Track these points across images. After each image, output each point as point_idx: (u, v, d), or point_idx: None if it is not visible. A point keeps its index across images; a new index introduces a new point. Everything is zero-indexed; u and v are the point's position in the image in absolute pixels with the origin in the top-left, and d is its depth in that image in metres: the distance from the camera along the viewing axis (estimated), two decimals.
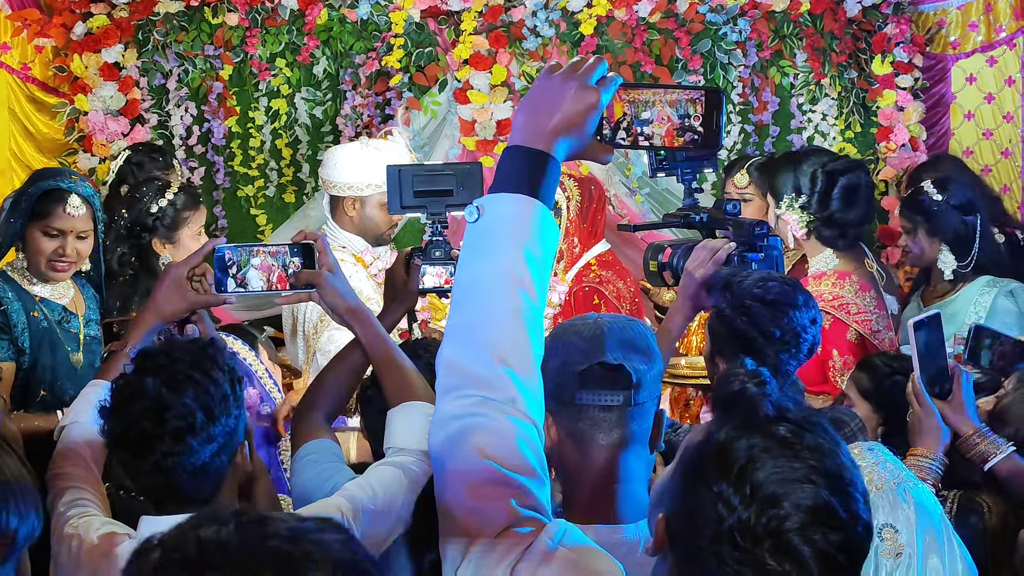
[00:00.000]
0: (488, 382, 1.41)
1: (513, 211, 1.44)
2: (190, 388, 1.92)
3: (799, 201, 3.47)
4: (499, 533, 1.37)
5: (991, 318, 3.48)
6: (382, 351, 2.25)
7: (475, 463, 1.39)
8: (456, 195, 2.45)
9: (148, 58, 5.07)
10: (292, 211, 5.20)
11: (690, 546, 1.29)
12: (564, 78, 1.50)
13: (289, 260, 2.26)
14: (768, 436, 1.27)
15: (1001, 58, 5.01)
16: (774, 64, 5.01)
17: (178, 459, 1.92)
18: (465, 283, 1.47)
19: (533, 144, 1.47)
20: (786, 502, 1.22)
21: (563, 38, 5.01)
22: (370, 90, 5.04)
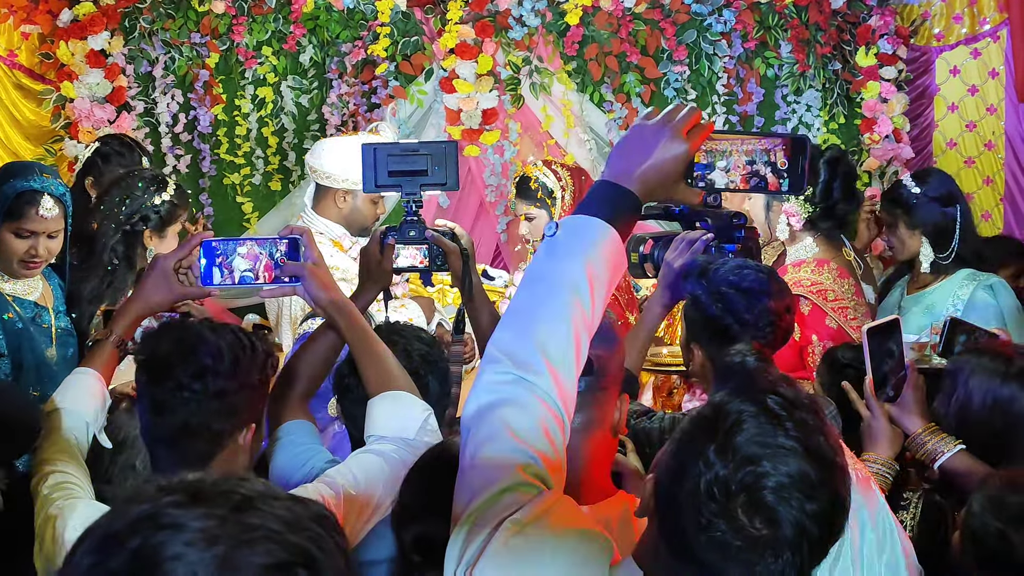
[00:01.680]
0: (527, 365, 1.49)
1: (586, 230, 1.55)
2: (231, 335, 2.01)
3: (805, 193, 3.46)
4: (502, 492, 1.43)
5: (969, 311, 3.48)
6: (364, 342, 2.26)
7: (496, 430, 1.47)
8: (431, 174, 2.45)
9: (134, 45, 5.08)
10: (278, 199, 5.21)
11: (671, 501, 1.33)
12: (657, 127, 1.60)
13: (275, 253, 2.27)
14: (758, 404, 1.32)
15: (985, 50, 5.03)
16: (759, 55, 5.03)
17: (190, 395, 1.96)
18: (528, 279, 1.57)
19: (620, 182, 1.58)
20: (765, 462, 1.27)
21: (549, 28, 5.03)
22: (356, 79, 5.05)
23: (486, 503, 1.43)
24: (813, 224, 3.51)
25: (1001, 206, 5.05)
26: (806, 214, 3.48)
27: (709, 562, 1.30)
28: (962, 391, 2.52)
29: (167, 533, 1.01)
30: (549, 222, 1.62)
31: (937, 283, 3.63)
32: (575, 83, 5.06)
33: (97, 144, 4.15)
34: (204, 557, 1.00)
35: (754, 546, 1.27)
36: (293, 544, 1.03)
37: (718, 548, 1.28)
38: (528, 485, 1.43)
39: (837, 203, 3.49)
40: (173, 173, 5.13)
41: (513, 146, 5.09)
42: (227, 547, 1.00)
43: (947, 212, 3.60)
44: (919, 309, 3.59)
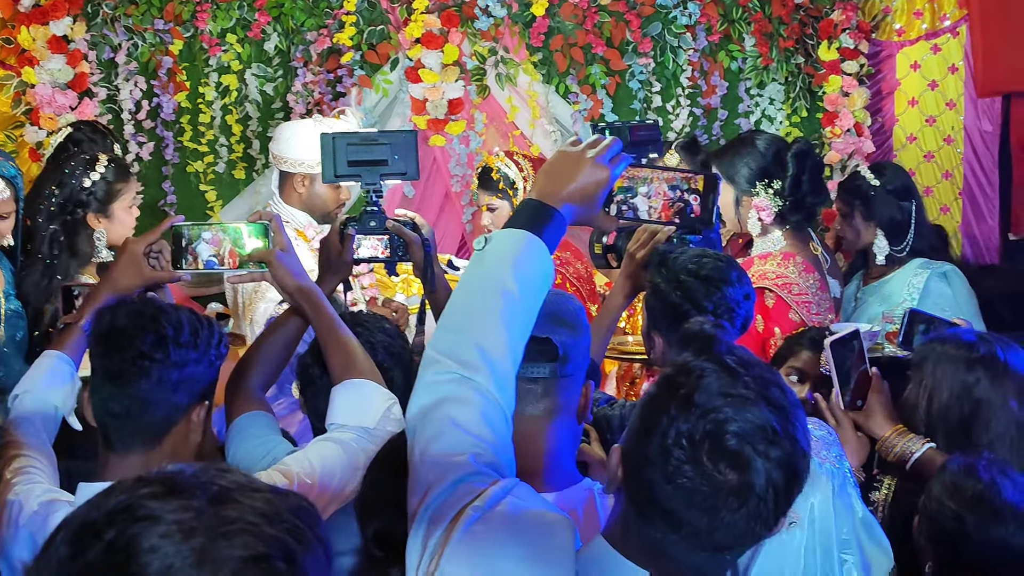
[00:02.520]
0: (466, 363, 1.54)
1: (514, 239, 1.63)
2: (189, 311, 2.02)
3: (775, 186, 3.48)
4: (455, 483, 1.45)
5: (924, 299, 3.53)
6: (330, 330, 2.26)
7: (442, 426, 1.51)
8: (391, 164, 2.46)
9: (97, 31, 5.03)
10: (242, 187, 5.18)
11: (639, 459, 1.37)
12: (581, 153, 1.73)
13: (240, 239, 2.27)
14: (718, 363, 1.38)
15: (945, 46, 5.09)
16: (723, 48, 5.07)
17: (149, 365, 1.96)
18: (461, 287, 1.65)
19: (546, 201, 1.68)
20: (727, 410, 1.33)
21: (515, 19, 5.03)
22: (321, 67, 5.03)
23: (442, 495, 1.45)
24: (783, 218, 3.53)
25: (960, 200, 5.11)
26: (776, 208, 3.50)
27: (676, 513, 1.34)
28: (929, 380, 2.56)
29: (143, 525, 1.01)
30: (479, 236, 1.66)
31: (892, 272, 3.67)
32: (541, 74, 5.07)
33: (69, 130, 4.10)
34: (181, 550, 1.00)
35: (719, 492, 1.31)
36: (271, 536, 1.03)
37: (685, 496, 1.32)
38: (481, 474, 1.46)
39: (806, 196, 3.52)
40: (136, 161, 5.09)
41: (479, 136, 5.09)
42: (204, 539, 1.00)
43: (903, 206, 3.64)
44: (875, 299, 3.64)
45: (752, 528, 1.34)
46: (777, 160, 3.50)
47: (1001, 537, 2.06)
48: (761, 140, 3.60)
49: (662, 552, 1.38)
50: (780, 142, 3.64)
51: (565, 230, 1.71)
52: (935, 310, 3.25)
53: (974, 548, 2.08)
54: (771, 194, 3.47)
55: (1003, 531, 2.07)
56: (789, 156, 3.49)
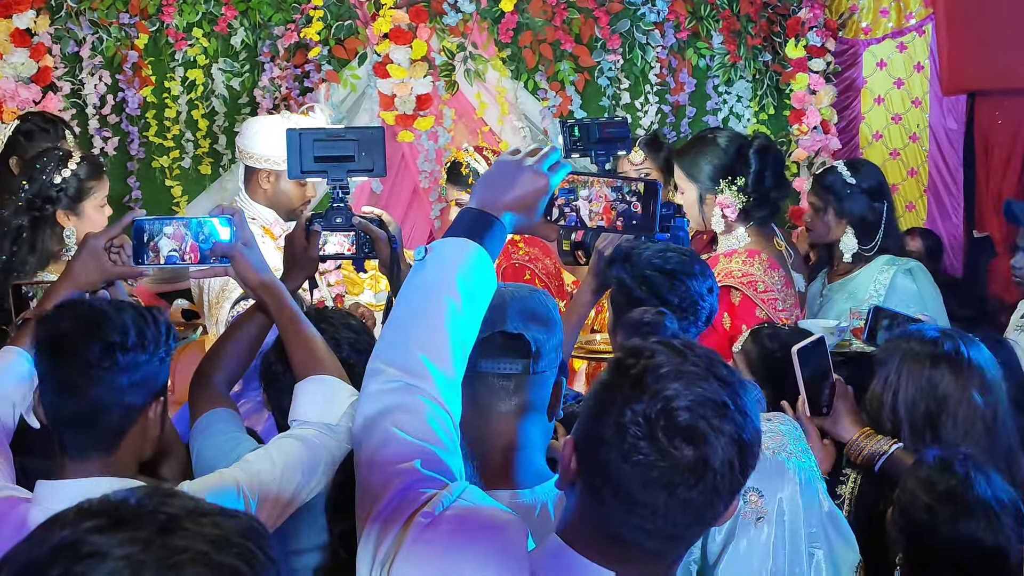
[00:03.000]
0: (410, 370, 1.54)
1: (456, 247, 1.63)
2: (131, 311, 1.96)
3: (738, 183, 3.49)
4: (404, 489, 1.44)
5: (890, 296, 3.54)
6: (293, 325, 2.23)
7: (388, 435, 1.50)
8: (358, 160, 2.43)
9: (61, 25, 4.98)
10: (208, 183, 5.15)
11: (594, 442, 1.37)
12: (520, 162, 1.72)
13: (201, 234, 2.24)
14: (665, 344, 1.39)
15: (911, 44, 5.13)
16: (691, 45, 5.09)
17: (99, 373, 1.92)
18: (402, 297, 1.64)
19: (486, 210, 1.68)
20: (677, 385, 1.33)
21: (484, 14, 5.03)
22: (288, 62, 5.00)
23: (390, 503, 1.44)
24: (747, 214, 3.54)
25: (925, 197, 5.16)
26: (740, 204, 3.51)
27: (633, 493, 1.33)
28: (894, 376, 2.57)
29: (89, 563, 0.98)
30: (419, 247, 1.66)
31: (858, 269, 3.69)
32: (509, 70, 5.07)
33: (17, 122, 4.04)
34: None
35: (676, 468, 1.31)
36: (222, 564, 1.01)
37: (642, 474, 1.32)
38: (429, 479, 1.45)
39: (769, 191, 3.52)
40: (101, 156, 5.04)
41: (447, 132, 5.08)
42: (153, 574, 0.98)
43: (876, 207, 3.65)
44: (841, 296, 3.65)
45: (710, 503, 1.34)
46: (739, 157, 3.51)
47: (971, 532, 2.08)
48: (722, 137, 3.61)
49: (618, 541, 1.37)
50: (741, 139, 3.65)
51: (506, 238, 1.70)
52: (900, 306, 3.27)
53: (944, 542, 2.09)
54: (735, 191, 3.48)
55: (973, 526, 2.08)
56: (751, 152, 3.50)
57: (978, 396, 2.49)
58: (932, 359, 2.52)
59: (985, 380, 2.52)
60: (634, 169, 4.34)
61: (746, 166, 3.50)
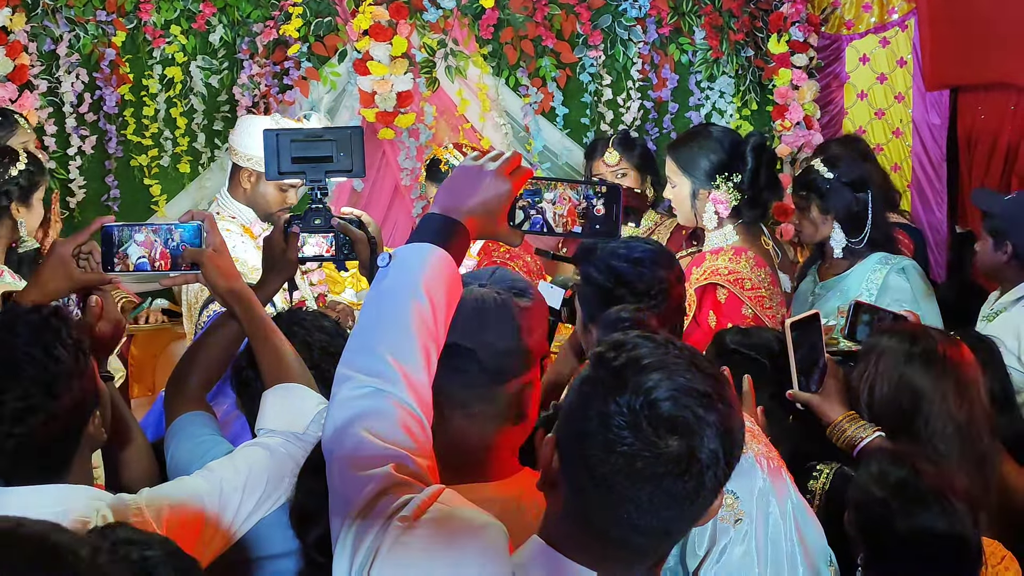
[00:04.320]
0: (379, 374, 1.53)
1: (421, 252, 1.62)
2: (29, 368, 1.86)
3: (734, 180, 3.47)
4: (378, 495, 1.42)
5: (882, 295, 3.52)
6: (261, 332, 2.21)
7: (359, 441, 1.48)
8: (336, 161, 2.41)
9: (37, 22, 4.93)
10: (187, 182, 5.10)
11: (577, 436, 1.35)
12: (482, 167, 1.71)
13: (171, 240, 2.21)
14: (645, 337, 1.39)
15: (893, 39, 5.12)
16: (673, 41, 5.06)
17: (21, 439, 1.87)
18: (368, 303, 1.63)
19: (449, 215, 1.67)
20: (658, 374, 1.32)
21: (464, 11, 4.99)
22: (268, 59, 4.96)
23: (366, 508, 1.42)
24: (738, 212, 3.52)
25: (908, 192, 5.15)
26: (734, 202, 3.49)
27: (618, 487, 1.31)
28: (872, 371, 2.57)
29: None
30: (383, 253, 1.65)
31: (850, 268, 3.67)
32: (491, 67, 5.04)
33: None
34: None
35: (660, 458, 1.30)
36: None
37: (627, 465, 1.30)
38: (405, 484, 1.43)
39: (763, 190, 3.51)
40: (78, 154, 4.99)
41: (428, 129, 5.05)
42: None
43: (859, 197, 3.64)
44: (833, 295, 3.63)
45: (696, 496, 1.32)
46: (736, 153, 3.49)
47: (925, 522, 2.09)
48: (718, 132, 3.59)
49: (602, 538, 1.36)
50: (735, 135, 3.62)
51: (469, 244, 1.69)
52: (893, 305, 3.25)
53: (901, 534, 2.11)
54: (730, 188, 3.46)
55: (927, 516, 2.09)
56: (747, 149, 3.48)
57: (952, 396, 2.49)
58: (908, 356, 2.53)
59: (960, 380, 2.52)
60: (609, 171, 4.32)
61: (743, 163, 3.48)
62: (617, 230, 1.80)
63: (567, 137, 5.11)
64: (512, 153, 1.75)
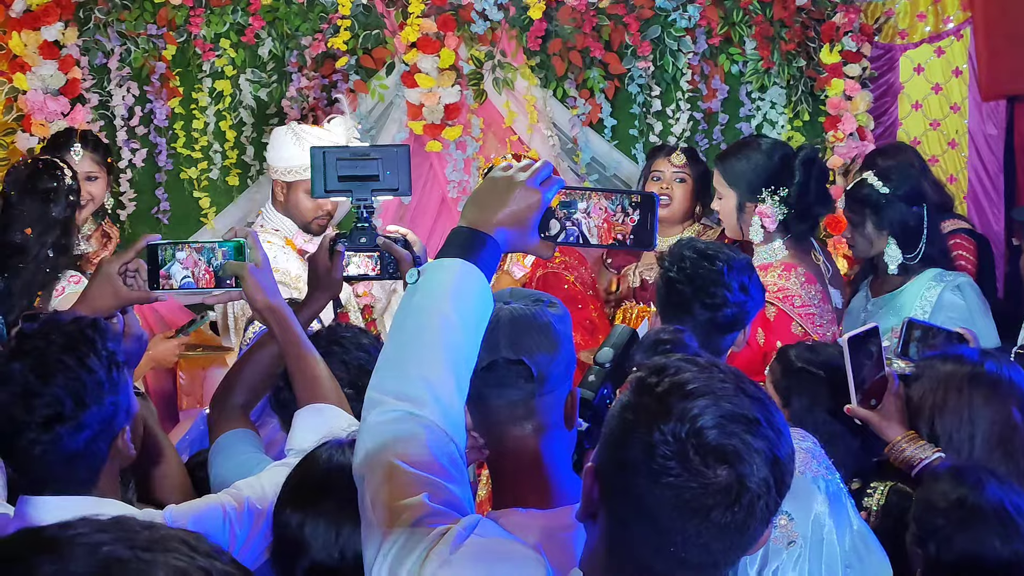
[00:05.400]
0: (410, 398, 1.49)
1: (449, 268, 1.57)
2: (60, 375, 1.88)
3: (781, 193, 3.42)
4: (412, 526, 1.38)
5: (936, 313, 3.46)
6: (296, 352, 2.21)
7: (391, 468, 1.44)
8: (382, 179, 2.39)
9: (89, 37, 4.98)
10: (236, 194, 5.12)
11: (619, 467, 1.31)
12: (512, 178, 1.66)
13: (214, 258, 2.22)
14: (689, 361, 1.34)
15: (948, 49, 5.02)
16: (723, 51, 5.00)
17: (48, 446, 1.88)
18: (396, 323, 1.58)
19: (478, 227, 1.62)
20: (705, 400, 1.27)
21: (512, 22, 4.97)
22: (316, 72, 4.97)
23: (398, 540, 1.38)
24: (787, 226, 3.46)
25: (965, 204, 5.05)
26: (781, 216, 3.44)
27: (663, 520, 1.27)
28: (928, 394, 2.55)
29: None
30: (411, 269, 1.61)
31: (904, 284, 3.60)
32: (538, 78, 5.01)
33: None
34: None
35: (708, 489, 1.25)
36: None
37: (673, 497, 1.26)
38: (440, 513, 1.40)
39: (811, 205, 3.45)
40: (128, 167, 5.03)
41: (476, 141, 5.03)
42: None
43: (915, 211, 3.57)
44: (886, 312, 3.57)
45: (746, 527, 1.27)
46: (784, 167, 3.44)
47: (985, 539, 2.07)
48: (766, 144, 3.54)
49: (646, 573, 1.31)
50: (786, 148, 3.58)
51: (500, 257, 1.65)
52: (948, 323, 3.19)
53: (960, 551, 2.09)
54: (777, 201, 3.41)
55: (987, 533, 2.07)
56: (796, 163, 3.43)
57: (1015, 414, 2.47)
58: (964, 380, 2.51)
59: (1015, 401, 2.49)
60: (672, 169, 4.31)
61: (791, 177, 3.43)
62: (653, 240, 1.76)
63: (615, 149, 5.06)
64: (542, 162, 1.71)
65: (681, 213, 4.33)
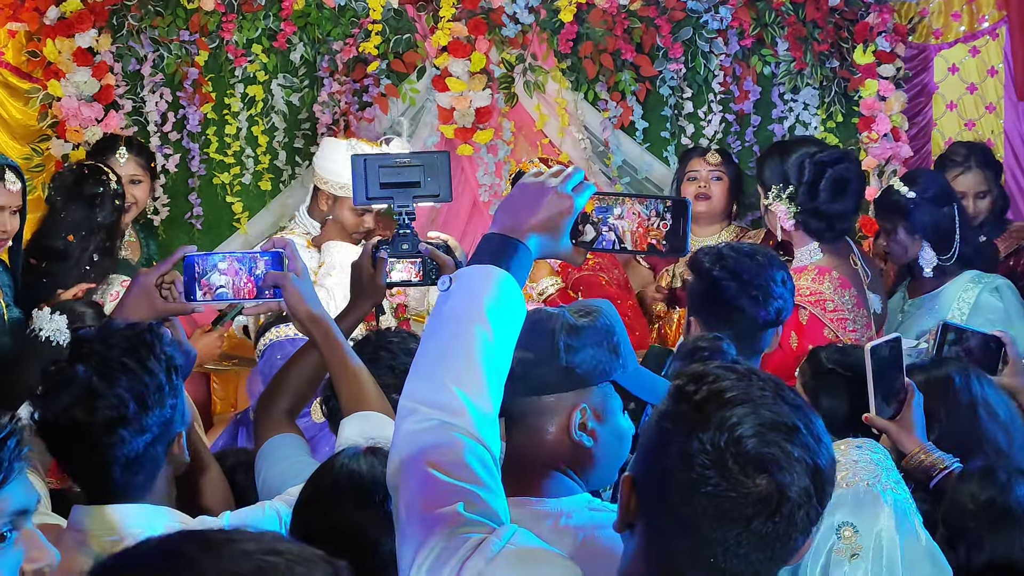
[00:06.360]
0: (443, 406, 1.49)
1: (482, 275, 1.57)
2: (123, 376, 1.90)
3: (787, 191, 3.42)
4: (448, 536, 1.38)
5: (974, 315, 3.44)
6: (339, 360, 2.22)
7: (425, 478, 1.44)
8: (424, 186, 2.40)
9: (123, 43, 5.01)
10: (268, 199, 5.14)
11: (657, 477, 1.30)
12: (543, 184, 1.66)
13: (255, 268, 2.23)
14: (727, 368, 1.33)
15: (984, 48, 4.98)
16: (755, 53, 4.97)
17: (109, 449, 1.90)
18: (429, 330, 1.58)
19: (509, 234, 1.61)
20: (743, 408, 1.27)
21: (543, 25, 4.97)
22: (347, 77, 4.98)
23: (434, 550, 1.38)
24: (806, 226, 3.46)
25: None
26: (792, 214, 3.44)
27: (702, 529, 1.26)
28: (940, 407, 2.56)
29: None
30: (443, 276, 1.61)
31: (942, 286, 3.58)
32: (569, 81, 5.00)
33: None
34: None
35: (748, 498, 1.24)
36: None
37: (712, 506, 1.25)
38: (474, 523, 1.39)
39: (822, 204, 3.44)
40: (162, 172, 5.07)
41: (507, 145, 5.03)
42: None
43: (945, 212, 3.56)
44: (923, 313, 3.55)
45: (787, 537, 1.26)
46: (797, 166, 3.44)
47: (1016, 541, 2.07)
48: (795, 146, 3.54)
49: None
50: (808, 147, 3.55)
51: (531, 263, 1.64)
52: (986, 325, 3.17)
53: (990, 554, 2.08)
54: (785, 200, 3.42)
55: (1018, 535, 2.07)
56: (808, 162, 3.42)
57: None
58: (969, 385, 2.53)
59: None
60: (707, 168, 4.33)
61: (800, 176, 3.43)
62: (686, 245, 1.76)
63: (647, 151, 5.04)
64: (573, 168, 1.71)
65: (721, 210, 4.36)
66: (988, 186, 4.13)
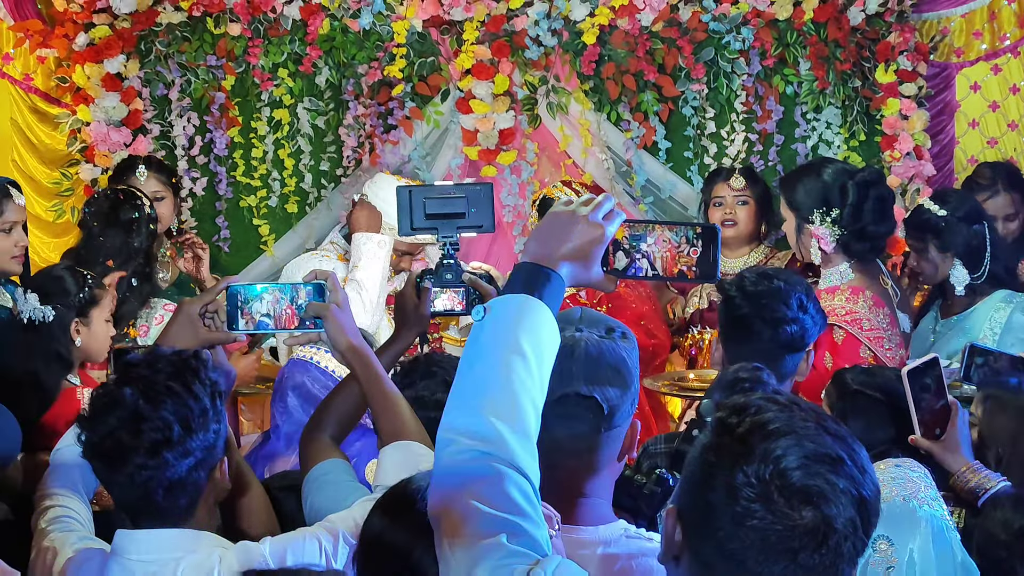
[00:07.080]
0: (483, 437, 1.49)
1: (516, 304, 1.58)
2: (168, 400, 1.95)
3: (832, 215, 3.43)
4: (493, 568, 1.39)
5: (1005, 335, 3.45)
6: (378, 390, 2.25)
7: (468, 510, 1.45)
8: (468, 217, 2.42)
9: (150, 68, 5.06)
10: (295, 221, 5.18)
11: (702, 509, 1.31)
12: (574, 212, 1.68)
13: (297, 298, 2.26)
14: (769, 400, 1.34)
15: (1005, 66, 5.00)
16: (778, 73, 4.99)
17: (154, 472, 1.94)
18: (465, 361, 1.59)
19: (541, 263, 1.63)
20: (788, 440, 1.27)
21: (565, 47, 5.00)
22: (372, 100, 5.02)
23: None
24: (847, 247, 3.47)
25: None
26: (834, 237, 3.44)
27: (748, 563, 1.27)
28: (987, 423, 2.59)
29: None
30: (477, 306, 1.62)
31: (973, 306, 3.60)
32: (592, 102, 5.03)
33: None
34: None
35: (795, 532, 1.25)
36: None
37: (759, 540, 1.26)
38: (518, 555, 1.40)
39: (867, 226, 3.46)
40: (190, 196, 5.11)
41: (530, 166, 5.07)
42: None
43: (976, 230, 3.58)
44: (955, 334, 3.56)
45: (834, 568, 1.27)
46: (839, 188, 3.45)
47: None
48: (828, 168, 3.56)
49: None
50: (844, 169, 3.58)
51: (564, 292, 1.66)
52: (1017, 345, 3.19)
53: None
54: (828, 223, 3.42)
55: None
56: (851, 184, 3.44)
57: None
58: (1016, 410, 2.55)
59: None
60: (733, 194, 4.34)
61: (844, 198, 3.44)
62: (716, 271, 1.78)
63: (670, 171, 5.07)
64: (603, 196, 1.72)
65: (748, 234, 4.36)
66: (1016, 208, 4.15)
